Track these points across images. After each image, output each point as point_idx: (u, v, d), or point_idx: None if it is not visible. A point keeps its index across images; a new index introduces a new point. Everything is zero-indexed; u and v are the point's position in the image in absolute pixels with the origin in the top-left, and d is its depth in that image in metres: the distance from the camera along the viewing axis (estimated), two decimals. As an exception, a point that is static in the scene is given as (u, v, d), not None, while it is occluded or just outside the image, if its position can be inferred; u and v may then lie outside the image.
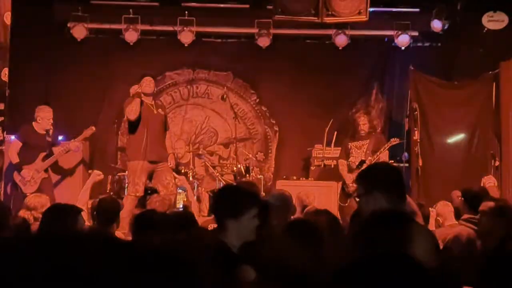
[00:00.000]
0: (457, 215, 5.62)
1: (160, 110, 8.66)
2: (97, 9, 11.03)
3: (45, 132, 9.03)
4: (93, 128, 9.45)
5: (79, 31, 10.92)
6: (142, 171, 8.33)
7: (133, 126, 8.43)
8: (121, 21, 11.01)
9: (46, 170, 9.09)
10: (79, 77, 11.21)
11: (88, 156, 10.36)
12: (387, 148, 8.79)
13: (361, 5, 7.18)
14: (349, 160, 9.01)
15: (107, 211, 5.18)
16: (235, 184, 8.18)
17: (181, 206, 7.76)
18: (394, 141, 8.96)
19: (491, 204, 4.65)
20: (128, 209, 7.80)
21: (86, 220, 6.25)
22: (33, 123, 9.02)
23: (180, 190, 8.35)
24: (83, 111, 10.97)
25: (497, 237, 4.39)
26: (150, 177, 8.49)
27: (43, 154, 9.00)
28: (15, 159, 8.88)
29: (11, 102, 8.16)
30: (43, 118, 8.96)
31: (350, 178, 8.85)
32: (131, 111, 8.29)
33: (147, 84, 8.51)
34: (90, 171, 10.21)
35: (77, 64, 11.23)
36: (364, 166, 8.68)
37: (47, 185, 9.03)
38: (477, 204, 4.95)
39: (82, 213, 4.35)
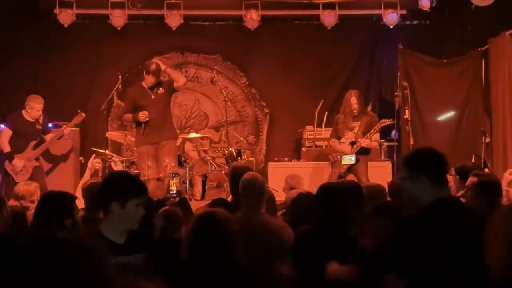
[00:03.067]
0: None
1: (161, 89, 8.68)
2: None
3: (34, 120, 8.98)
4: (83, 114, 9.42)
5: (65, 17, 10.82)
6: (145, 155, 8.51)
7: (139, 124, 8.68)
8: (108, 6, 10.92)
9: (37, 159, 9.05)
10: (67, 63, 11.14)
11: (79, 143, 10.32)
12: (377, 129, 8.78)
13: (349, -16, 7.15)
14: (340, 141, 8.99)
15: (94, 196, 5.13)
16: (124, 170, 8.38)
17: (174, 191, 7.74)
18: (385, 121, 8.96)
19: (474, 179, 4.63)
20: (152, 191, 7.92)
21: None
22: (23, 111, 8.96)
23: (173, 175, 8.34)
24: (72, 98, 10.90)
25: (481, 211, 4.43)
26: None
27: (33, 143, 8.96)
28: (7, 148, 8.83)
29: (-1, 90, 8.10)
30: (33, 108, 8.90)
31: (340, 148, 8.83)
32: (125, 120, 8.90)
33: (146, 77, 8.70)
34: (80, 158, 10.20)
35: (64, 50, 11.15)
36: (355, 147, 8.68)
37: (39, 173, 8.99)
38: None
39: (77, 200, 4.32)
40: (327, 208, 3.87)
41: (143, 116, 8.46)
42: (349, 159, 8.54)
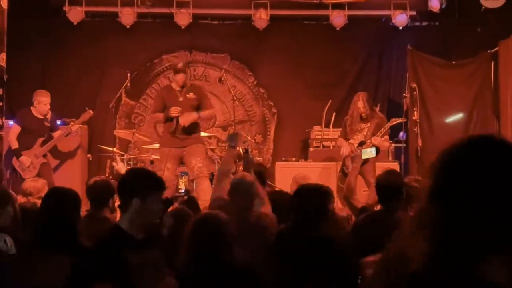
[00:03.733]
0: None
1: (191, 94, 8.65)
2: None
3: (43, 117, 9.00)
4: (91, 111, 9.45)
5: (75, 15, 10.85)
6: (167, 158, 8.48)
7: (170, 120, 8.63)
8: (117, 4, 10.94)
9: (45, 155, 9.07)
10: (76, 61, 11.16)
11: (87, 140, 10.34)
12: (387, 128, 8.77)
13: (359, -15, 7.13)
14: (349, 142, 8.98)
15: (98, 194, 5.15)
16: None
17: (183, 190, 7.76)
18: (395, 120, 8.94)
19: None
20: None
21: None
22: (31, 107, 8.99)
23: (181, 174, 8.37)
24: (80, 95, 10.93)
25: None
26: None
27: (41, 139, 8.98)
28: (15, 144, 8.85)
29: (8, 87, 8.11)
30: (40, 103, 8.93)
31: (348, 149, 8.83)
32: (155, 120, 9.04)
33: (175, 77, 8.78)
34: (88, 156, 10.23)
35: (73, 47, 11.18)
36: (364, 146, 8.66)
37: (46, 170, 9.01)
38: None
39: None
40: (306, 208, 3.97)
41: (174, 111, 8.41)
42: (370, 152, 8.41)
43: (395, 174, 4.96)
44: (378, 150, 8.76)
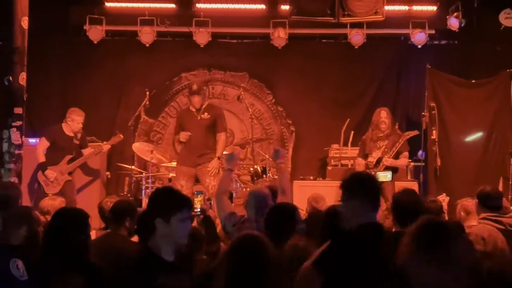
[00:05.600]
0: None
1: (205, 114, 8.93)
2: (113, 12, 11.06)
3: (73, 135, 9.08)
4: (121, 136, 9.61)
5: (95, 34, 10.98)
6: (182, 175, 8.85)
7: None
8: (137, 23, 11.04)
9: (70, 173, 9.12)
10: (96, 79, 11.26)
11: (106, 158, 10.39)
12: (402, 143, 8.76)
13: (378, 4, 7.12)
14: (368, 160, 8.97)
15: (118, 212, 5.17)
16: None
17: (198, 209, 7.76)
18: (408, 134, 8.92)
19: None
20: None
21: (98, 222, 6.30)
22: (63, 124, 9.08)
23: (197, 193, 8.39)
24: (100, 113, 11.00)
25: None
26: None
27: (69, 157, 9.04)
28: (42, 158, 8.93)
29: (29, 106, 8.19)
30: (74, 120, 9.02)
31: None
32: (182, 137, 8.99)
33: (191, 99, 9.05)
34: (107, 173, 10.28)
35: (93, 66, 11.29)
36: (381, 164, 8.64)
37: (70, 187, 9.07)
38: (491, 203, 5.05)
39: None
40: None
41: (183, 136, 8.82)
42: (384, 176, 8.42)
43: (413, 194, 4.88)
44: (396, 170, 8.74)
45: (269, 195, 5.36)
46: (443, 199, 8.07)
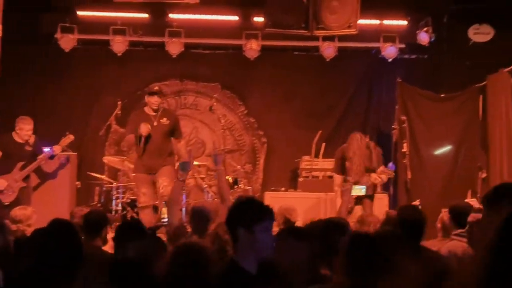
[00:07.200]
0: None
1: (164, 119, 8.51)
2: (85, 21, 11.00)
3: (24, 142, 8.96)
4: (71, 136, 9.38)
5: (66, 42, 10.90)
6: (142, 183, 8.48)
7: (138, 140, 8.44)
8: (109, 32, 10.99)
9: (25, 179, 9.01)
10: (67, 88, 11.19)
11: (76, 167, 10.28)
12: (379, 181, 8.68)
13: (351, 18, 7.20)
14: (345, 175, 8.78)
15: (92, 224, 5.13)
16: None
17: (165, 219, 7.70)
18: (384, 176, 8.77)
19: (479, 215, 4.68)
20: (141, 219, 7.97)
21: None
22: (13, 132, 8.96)
23: (165, 203, 8.25)
24: (70, 122, 10.87)
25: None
26: None
27: (21, 164, 8.92)
28: None
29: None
30: (22, 129, 8.87)
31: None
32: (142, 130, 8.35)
33: (149, 99, 8.58)
34: (77, 183, 10.18)
35: (64, 75, 11.21)
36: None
37: (26, 194, 8.94)
38: (465, 219, 5.00)
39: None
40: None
41: (144, 128, 8.20)
42: (359, 190, 8.39)
43: (418, 210, 4.82)
44: (367, 192, 8.67)
45: (212, 210, 5.40)
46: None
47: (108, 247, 5.17)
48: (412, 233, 4.41)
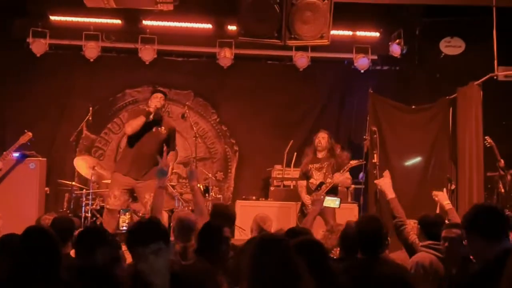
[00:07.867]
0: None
1: (162, 128, 8.44)
2: (58, 25, 10.92)
3: None
4: (30, 133, 9.30)
5: (38, 47, 10.81)
6: (118, 184, 8.26)
7: (131, 140, 8.34)
8: (82, 37, 10.93)
9: None
10: (38, 93, 11.08)
11: (45, 173, 10.17)
12: (346, 170, 8.83)
13: (324, 29, 7.23)
14: (309, 181, 9.00)
15: (60, 230, 5.07)
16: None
17: (124, 228, 7.63)
18: (354, 162, 8.99)
19: (457, 231, 4.71)
20: (104, 220, 7.92)
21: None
22: None
23: (123, 211, 8.10)
24: (41, 128, 10.77)
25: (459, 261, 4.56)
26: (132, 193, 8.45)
27: None
28: None
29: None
30: None
31: (308, 199, 8.84)
32: (130, 125, 8.26)
33: (152, 100, 8.46)
34: (46, 189, 10.07)
35: (35, 79, 11.09)
36: (323, 187, 8.69)
37: None
38: (435, 231, 5.02)
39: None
40: None
41: (154, 101, 8.24)
42: (332, 202, 8.32)
43: (377, 221, 4.76)
44: (336, 190, 8.79)
45: (195, 221, 5.44)
46: None
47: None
48: (370, 244, 4.45)
